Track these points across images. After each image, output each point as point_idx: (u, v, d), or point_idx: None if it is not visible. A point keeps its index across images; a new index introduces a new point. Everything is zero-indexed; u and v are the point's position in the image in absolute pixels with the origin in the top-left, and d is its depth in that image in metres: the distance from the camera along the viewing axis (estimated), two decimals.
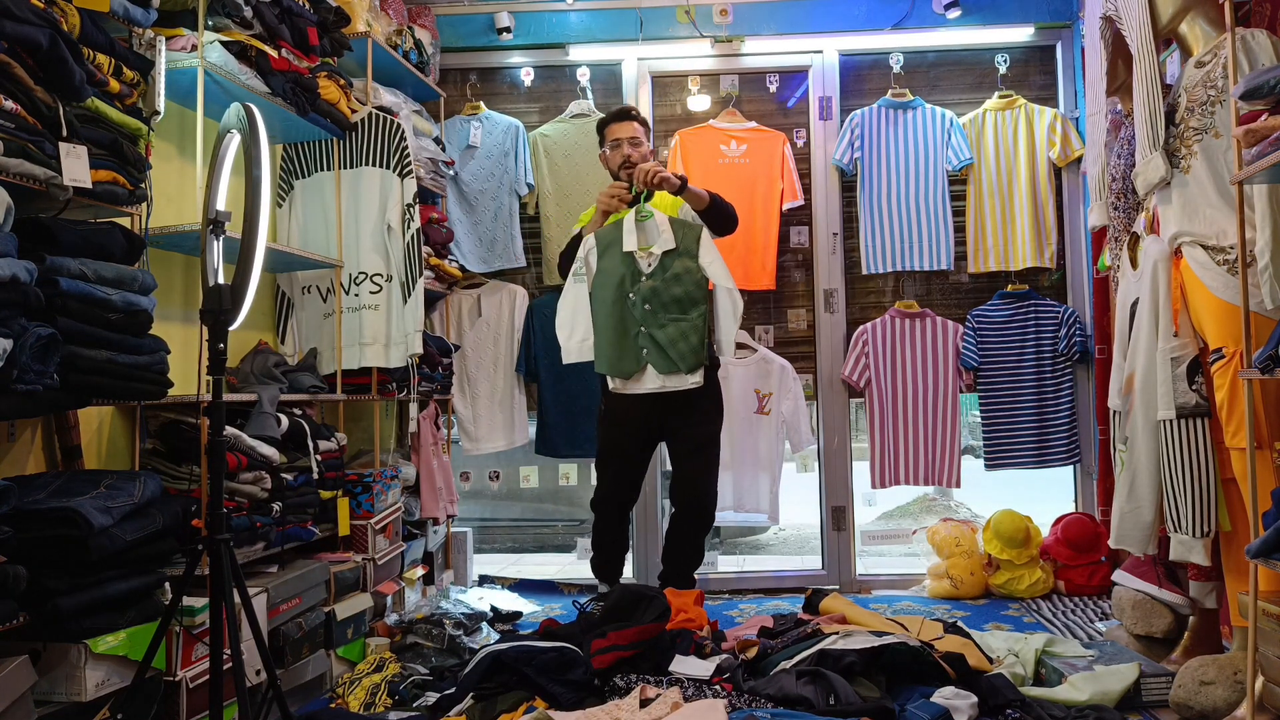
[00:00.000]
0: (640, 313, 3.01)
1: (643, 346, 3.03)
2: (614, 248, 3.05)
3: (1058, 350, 4.02)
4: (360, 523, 3.09)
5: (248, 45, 2.67)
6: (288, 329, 3.36)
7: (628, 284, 3.02)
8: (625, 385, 3.08)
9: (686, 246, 3.04)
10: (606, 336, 3.08)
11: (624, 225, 3.06)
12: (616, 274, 3.04)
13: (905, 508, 7.13)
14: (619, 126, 3.34)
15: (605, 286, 3.04)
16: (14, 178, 1.85)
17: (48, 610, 1.84)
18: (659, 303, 3.01)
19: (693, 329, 3.00)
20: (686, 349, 3.00)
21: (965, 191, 4.14)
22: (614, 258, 3.05)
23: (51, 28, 1.90)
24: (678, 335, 3.00)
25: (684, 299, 3.02)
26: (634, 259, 3.02)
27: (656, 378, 3.03)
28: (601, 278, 3.05)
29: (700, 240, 3.06)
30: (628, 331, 3.03)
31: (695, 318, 3.01)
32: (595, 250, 3.09)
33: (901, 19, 4.15)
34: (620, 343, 3.03)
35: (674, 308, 3.01)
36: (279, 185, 3.38)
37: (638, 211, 3.06)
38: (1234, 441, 2.35)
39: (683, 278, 3.02)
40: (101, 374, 2.04)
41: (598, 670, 2.49)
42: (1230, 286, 2.34)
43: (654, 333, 2.99)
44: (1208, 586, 2.72)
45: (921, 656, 2.43)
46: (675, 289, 3.01)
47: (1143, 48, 2.58)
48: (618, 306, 3.03)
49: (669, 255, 3.03)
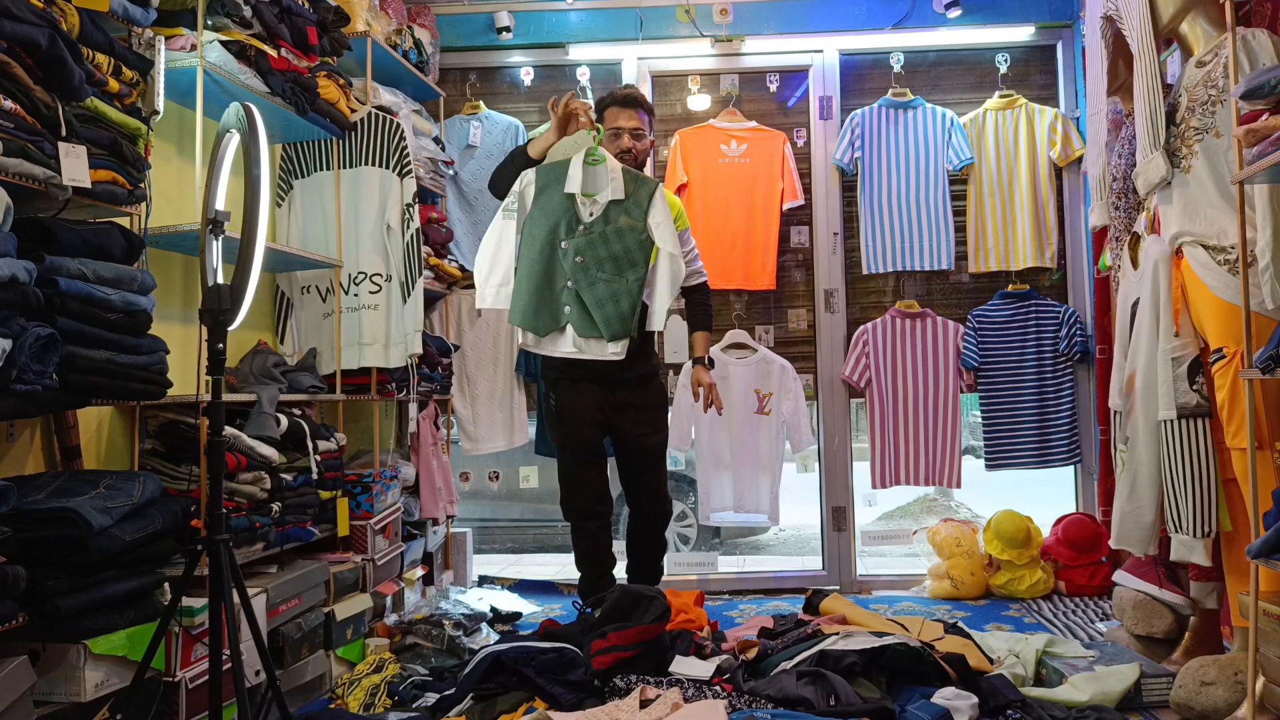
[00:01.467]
0: (570, 265, 2.68)
1: (565, 304, 2.70)
2: (553, 188, 2.70)
3: (1058, 350, 4.02)
4: (360, 523, 3.09)
5: (247, 45, 2.67)
6: (287, 329, 3.35)
7: (561, 231, 2.69)
8: (538, 344, 2.78)
9: (637, 200, 2.71)
10: (528, 285, 2.73)
11: (570, 165, 2.72)
12: (552, 218, 2.70)
13: (905, 508, 7.14)
14: (622, 113, 3.03)
15: (537, 229, 2.69)
16: (13, 177, 1.85)
17: (47, 610, 1.84)
18: (594, 257, 2.68)
19: (626, 293, 2.67)
20: (614, 313, 2.67)
21: (966, 191, 4.14)
22: (552, 198, 2.70)
23: (51, 27, 1.89)
24: (607, 297, 2.67)
25: (621, 258, 2.69)
26: (575, 203, 2.69)
27: (573, 341, 2.72)
28: (534, 220, 2.70)
29: (654, 197, 2.75)
30: (553, 285, 2.69)
31: (631, 282, 2.68)
32: (534, 185, 2.74)
33: (902, 18, 4.15)
34: (542, 294, 2.69)
35: (609, 265, 2.68)
36: (278, 185, 3.38)
37: (588, 153, 2.73)
38: (1234, 441, 2.35)
39: (625, 234, 2.69)
40: (101, 374, 2.03)
41: (598, 671, 2.49)
42: (1231, 286, 2.34)
43: (581, 291, 2.67)
44: (1208, 587, 2.72)
45: (922, 657, 2.43)
46: (615, 244, 2.69)
47: (1143, 47, 2.58)
48: (545, 253, 2.69)
49: (615, 206, 2.71)
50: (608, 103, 3.08)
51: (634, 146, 2.99)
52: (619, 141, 2.99)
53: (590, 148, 2.74)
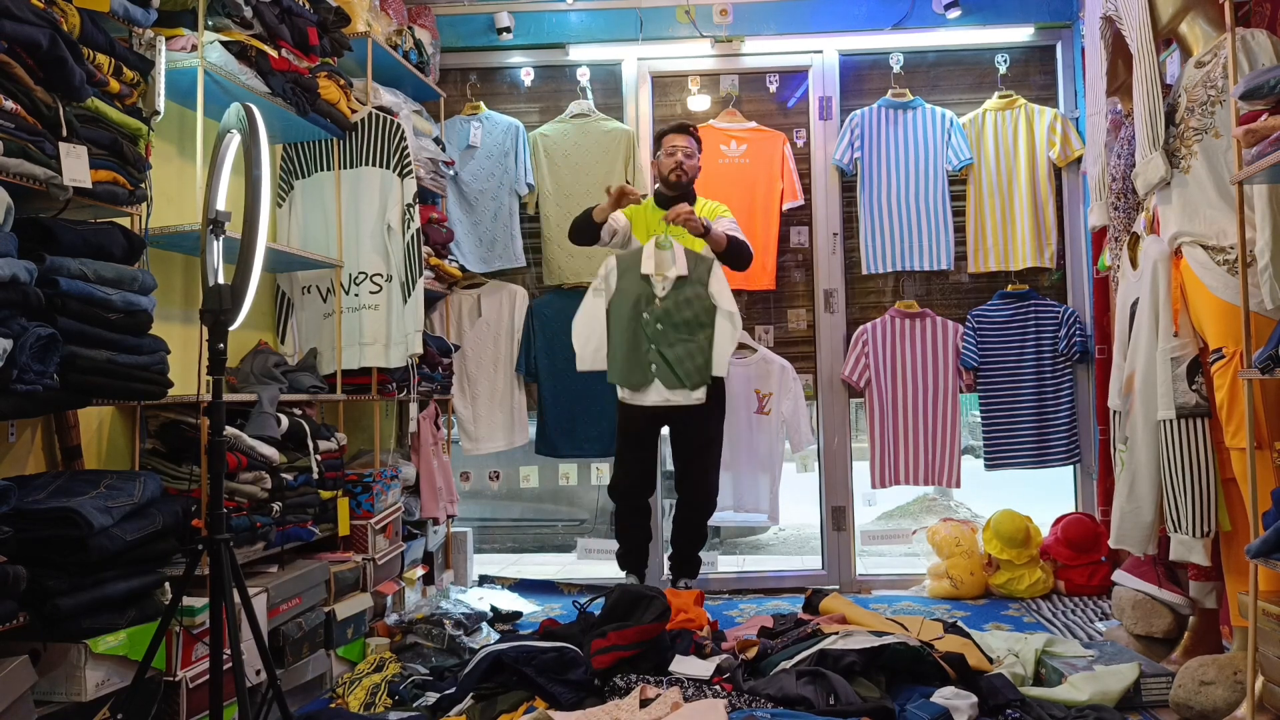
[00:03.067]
0: (652, 330, 3.27)
1: (651, 362, 3.28)
2: (632, 271, 3.32)
3: (1058, 350, 4.02)
4: (360, 523, 3.09)
5: (248, 45, 2.67)
6: (288, 329, 3.36)
7: (642, 304, 3.29)
8: (633, 396, 3.35)
9: (699, 276, 3.31)
10: (620, 350, 3.35)
11: (644, 250, 3.32)
12: (633, 294, 3.30)
13: (905, 508, 7.13)
14: (677, 137, 3.61)
15: (622, 304, 3.31)
16: (14, 178, 1.85)
17: (48, 610, 1.84)
18: (670, 323, 3.27)
19: (699, 349, 3.27)
20: (692, 368, 3.26)
21: (965, 191, 4.14)
22: (632, 279, 3.31)
23: (51, 28, 1.90)
24: (685, 355, 3.26)
25: (693, 321, 3.29)
26: (650, 281, 3.30)
27: (663, 391, 3.29)
28: (619, 296, 3.32)
29: (711, 271, 3.34)
30: (639, 346, 3.28)
31: (702, 340, 3.27)
32: (615, 271, 3.34)
33: (901, 19, 4.15)
34: (632, 356, 3.29)
35: (683, 329, 3.27)
36: (279, 185, 3.38)
37: (658, 241, 3.31)
38: (1234, 441, 2.35)
39: (693, 302, 3.29)
40: (101, 374, 2.03)
41: (598, 670, 2.49)
42: (1230, 286, 2.34)
43: (664, 350, 3.25)
44: (1208, 586, 2.72)
45: (921, 656, 2.43)
46: (685, 312, 3.28)
47: (1143, 48, 2.58)
48: (632, 323, 3.29)
49: (682, 281, 3.30)
50: (666, 131, 3.66)
51: (684, 163, 3.57)
52: (674, 159, 3.57)
53: (661, 236, 3.31)
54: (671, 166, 3.58)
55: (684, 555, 3.65)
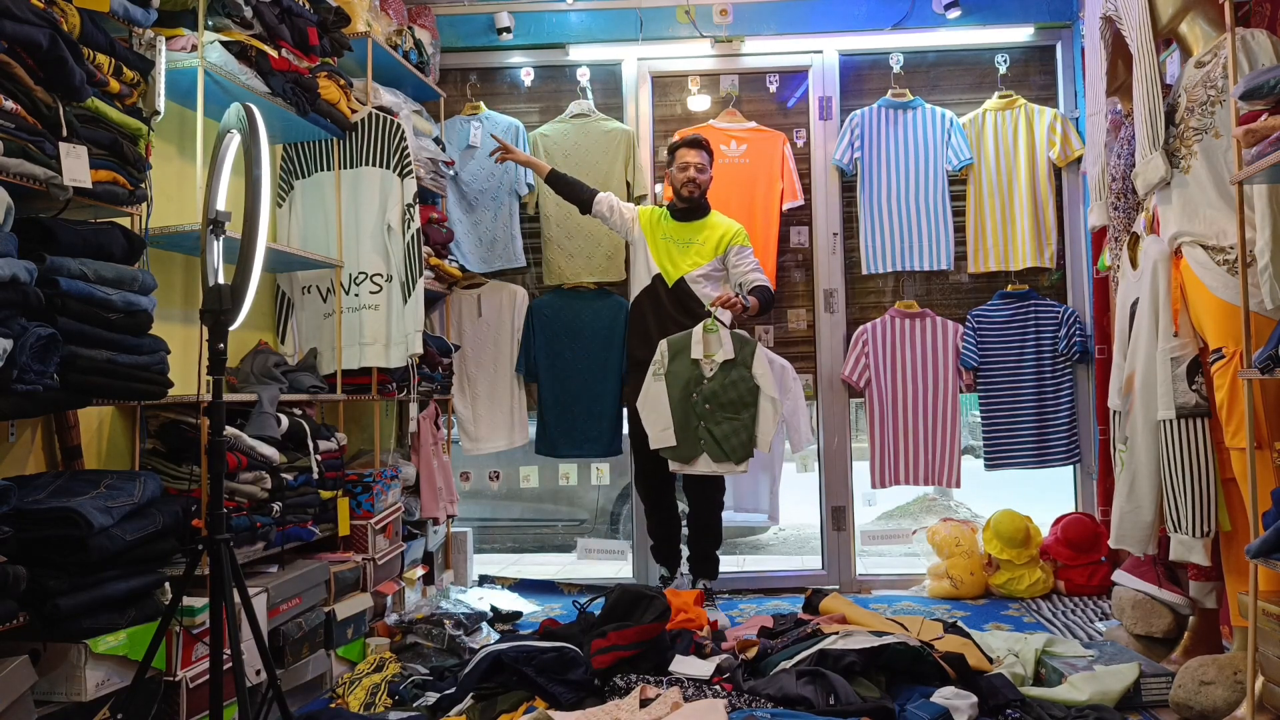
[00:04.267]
0: (701, 410, 3.51)
1: (700, 438, 3.51)
2: (683, 354, 3.56)
3: (1058, 350, 4.02)
4: (360, 523, 3.09)
5: (248, 45, 2.67)
6: (288, 329, 3.36)
7: (693, 385, 3.53)
8: (682, 468, 3.56)
9: (744, 359, 3.53)
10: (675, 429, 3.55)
11: (693, 333, 3.55)
12: (684, 376, 3.54)
13: (905, 508, 7.14)
14: (689, 152, 3.73)
15: (674, 385, 3.55)
16: (14, 178, 1.85)
17: (48, 610, 1.84)
18: (717, 403, 3.50)
19: (743, 427, 3.49)
20: (738, 444, 3.48)
21: (965, 191, 4.14)
22: (683, 362, 3.55)
23: (51, 28, 1.90)
24: (730, 432, 3.48)
25: (738, 402, 3.50)
26: (699, 364, 3.54)
27: (710, 464, 3.52)
28: (671, 378, 3.56)
29: (755, 354, 3.55)
30: (689, 424, 3.52)
31: (746, 419, 3.50)
32: (667, 354, 3.58)
33: (901, 19, 4.15)
34: (682, 433, 3.52)
35: (730, 409, 3.49)
36: (279, 185, 3.38)
37: (706, 326, 3.53)
38: (1234, 441, 2.35)
39: (738, 384, 3.51)
40: (101, 374, 2.03)
41: (598, 670, 2.50)
42: (1230, 286, 2.34)
43: (711, 428, 3.49)
44: (1208, 586, 2.72)
45: (921, 656, 2.43)
46: (731, 393, 3.50)
47: (1143, 48, 2.58)
48: (683, 403, 3.53)
49: (728, 364, 3.51)
50: (679, 145, 3.77)
51: (697, 178, 3.70)
52: (686, 174, 3.71)
53: (708, 321, 3.53)
54: (684, 181, 3.71)
55: (703, 554, 3.72)
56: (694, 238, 3.73)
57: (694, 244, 3.72)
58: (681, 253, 3.72)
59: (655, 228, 3.77)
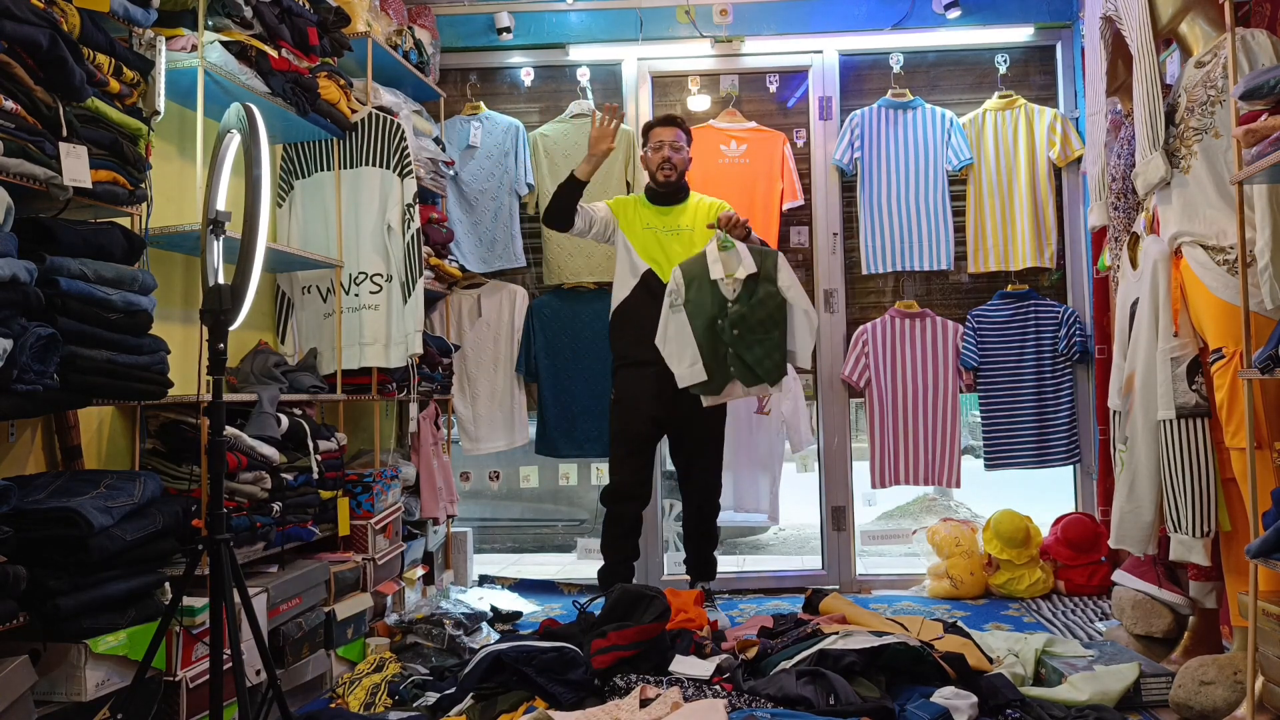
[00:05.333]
0: (729, 337, 3.26)
1: (730, 365, 3.27)
2: (699, 280, 3.29)
3: (1058, 350, 4.02)
4: (360, 523, 3.09)
5: (248, 45, 2.67)
6: (288, 329, 3.36)
7: (718, 311, 3.26)
8: (713, 399, 3.31)
9: (766, 271, 3.28)
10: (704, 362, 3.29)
11: (708, 254, 3.29)
12: (706, 304, 3.27)
13: (905, 508, 7.14)
14: (663, 130, 3.53)
15: (697, 316, 3.28)
16: (14, 178, 1.85)
17: (48, 610, 1.84)
18: (745, 326, 3.25)
19: (775, 347, 3.26)
20: (771, 365, 3.25)
21: (965, 191, 4.14)
22: (702, 289, 3.28)
23: (51, 28, 1.90)
24: (763, 354, 3.25)
25: (768, 321, 3.26)
26: (719, 287, 3.27)
27: (742, 389, 3.30)
28: (691, 308, 3.29)
29: (778, 264, 3.30)
30: (717, 352, 3.27)
31: (777, 337, 3.26)
32: (683, 283, 3.31)
33: (901, 19, 4.15)
34: (713, 365, 3.27)
35: (759, 329, 3.26)
36: (279, 185, 3.38)
37: (720, 242, 3.29)
38: (1234, 441, 2.35)
39: (766, 302, 3.26)
40: (101, 374, 2.03)
41: (598, 670, 2.49)
42: (1230, 286, 2.34)
43: (742, 354, 3.25)
44: (1208, 586, 2.72)
45: (921, 656, 2.43)
46: (760, 313, 3.25)
47: (1143, 48, 2.58)
48: (709, 334, 3.27)
49: (751, 280, 3.26)
50: (653, 124, 3.59)
51: (672, 157, 3.49)
52: (661, 153, 3.50)
53: (722, 238, 3.28)
54: (660, 162, 3.49)
55: (701, 557, 3.61)
56: (679, 224, 3.49)
57: (682, 230, 3.48)
58: (671, 242, 3.47)
59: (634, 218, 3.51)
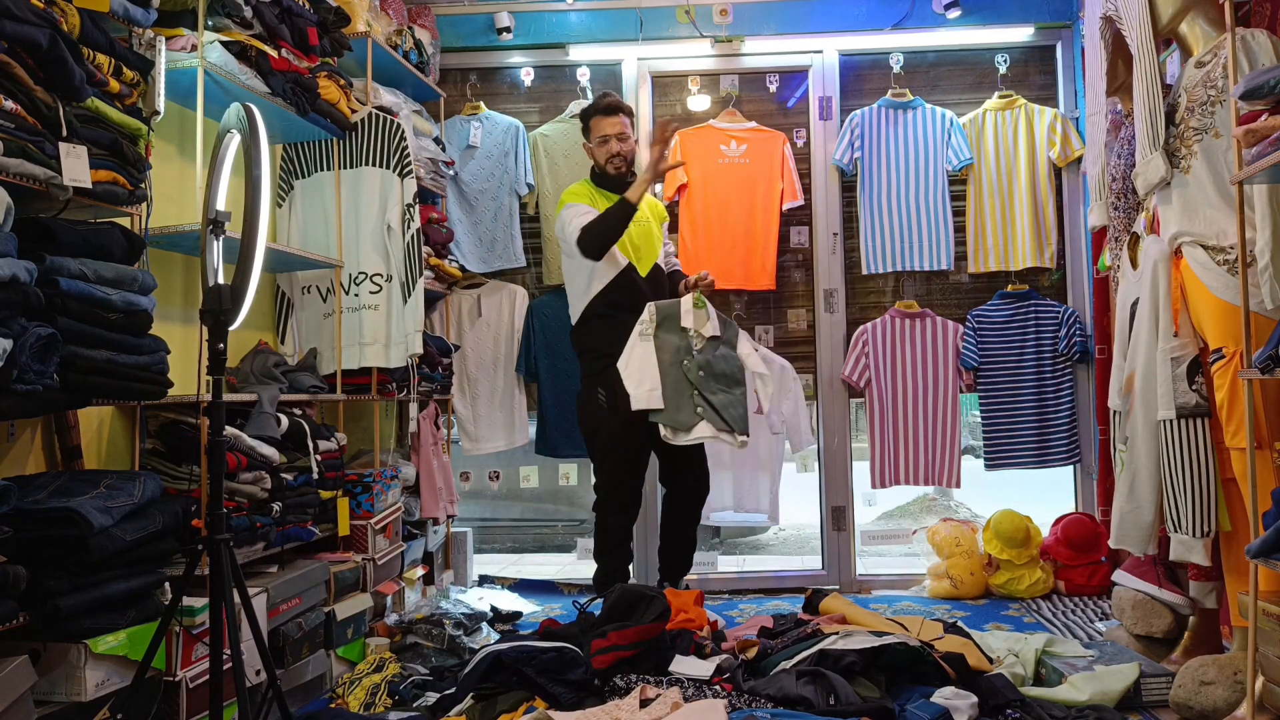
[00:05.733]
0: (695, 377, 3.33)
1: (698, 405, 3.31)
2: (671, 320, 3.42)
3: (1058, 350, 4.02)
4: (360, 523, 3.09)
5: (248, 45, 2.67)
6: (288, 329, 3.36)
7: (683, 353, 3.37)
8: (676, 436, 3.30)
9: (729, 338, 3.47)
10: (665, 392, 3.33)
11: (682, 306, 3.41)
12: (673, 343, 3.38)
13: (905, 508, 7.13)
14: (605, 120, 3.43)
15: (664, 350, 3.36)
16: (14, 178, 1.85)
17: (48, 610, 1.84)
18: (711, 372, 3.35)
19: (739, 400, 3.37)
20: (737, 415, 3.33)
21: (965, 191, 4.14)
22: (672, 329, 3.40)
23: (51, 28, 1.90)
24: (728, 403, 3.33)
25: (730, 375, 3.39)
26: (687, 334, 3.40)
27: (712, 430, 3.31)
28: (660, 341, 3.38)
29: (739, 336, 3.50)
30: (682, 391, 3.32)
31: (739, 394, 3.38)
32: (656, 318, 3.41)
33: (901, 19, 4.15)
34: (676, 399, 3.31)
35: (723, 380, 3.36)
36: (279, 185, 3.38)
37: (695, 300, 3.42)
38: (1234, 441, 2.35)
39: (728, 359, 3.42)
40: (101, 374, 2.03)
41: (598, 670, 2.49)
42: (1230, 286, 2.34)
43: (708, 396, 3.32)
44: (1208, 586, 2.72)
45: (921, 656, 2.43)
46: (723, 365, 3.39)
47: (1143, 48, 2.58)
48: (674, 369, 3.33)
49: (715, 340, 3.41)
50: (591, 113, 3.48)
51: (620, 149, 3.42)
52: (607, 147, 3.42)
53: (696, 297, 3.44)
54: (608, 157, 3.42)
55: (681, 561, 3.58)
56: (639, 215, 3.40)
57: (645, 221, 3.45)
58: (642, 235, 3.45)
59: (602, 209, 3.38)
